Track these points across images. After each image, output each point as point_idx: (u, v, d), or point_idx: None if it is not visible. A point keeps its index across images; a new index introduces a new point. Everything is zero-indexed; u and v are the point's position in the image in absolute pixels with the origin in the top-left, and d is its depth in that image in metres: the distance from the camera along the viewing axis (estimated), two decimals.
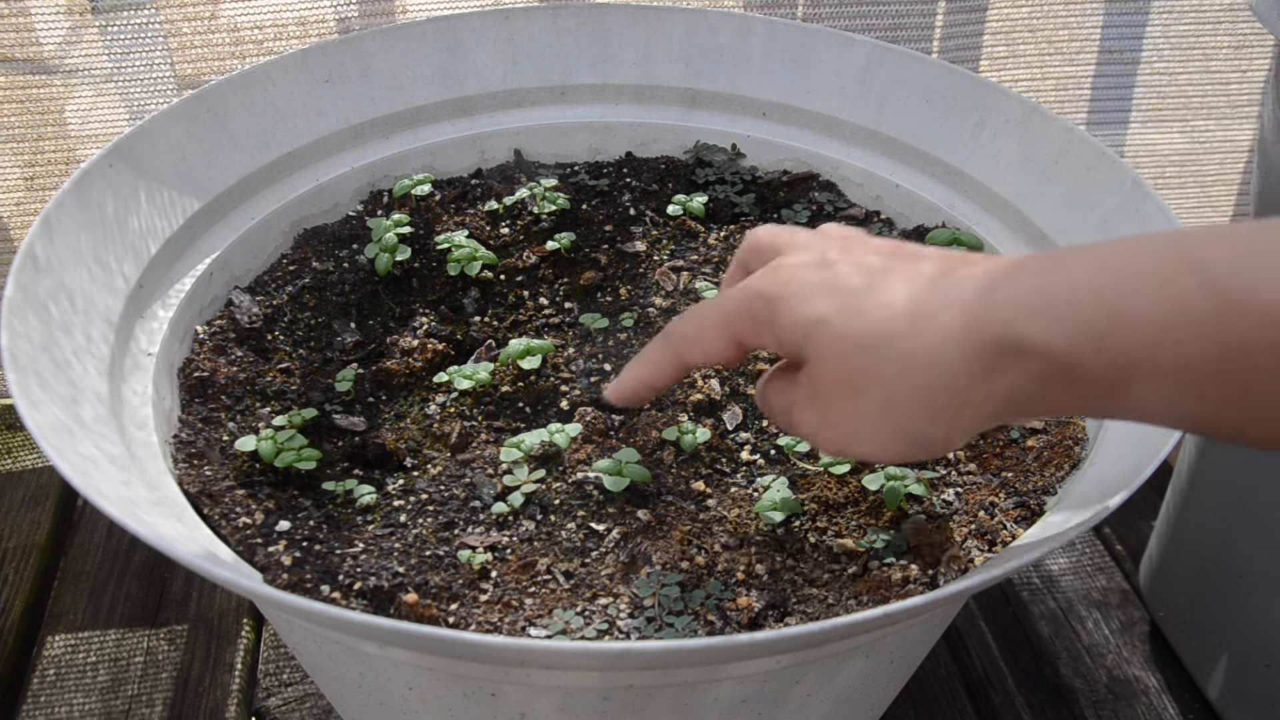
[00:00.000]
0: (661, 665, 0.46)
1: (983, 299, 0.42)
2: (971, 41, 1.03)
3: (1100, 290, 0.39)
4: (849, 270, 0.46)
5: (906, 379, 0.43)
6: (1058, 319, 0.40)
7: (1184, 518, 0.85)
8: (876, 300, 0.44)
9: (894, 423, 0.44)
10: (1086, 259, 0.40)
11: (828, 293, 0.45)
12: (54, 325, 0.58)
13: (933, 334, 0.42)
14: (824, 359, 0.45)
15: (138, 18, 0.95)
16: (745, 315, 0.48)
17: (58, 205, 0.63)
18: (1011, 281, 0.42)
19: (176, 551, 0.45)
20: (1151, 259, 0.39)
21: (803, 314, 0.46)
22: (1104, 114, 1.10)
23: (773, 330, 0.47)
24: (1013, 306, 0.41)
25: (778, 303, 0.46)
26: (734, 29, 0.86)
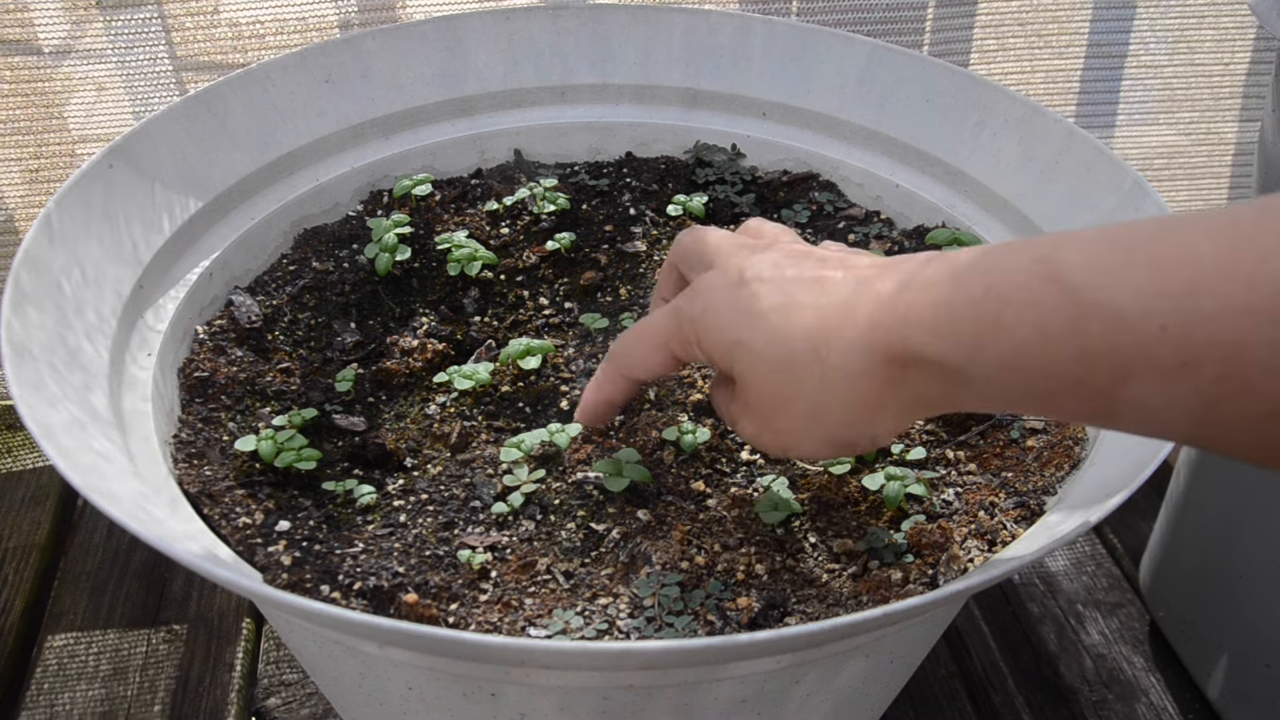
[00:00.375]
0: (661, 665, 0.46)
1: (884, 315, 0.45)
2: (961, 35, 1.04)
3: (974, 303, 0.42)
4: (764, 289, 0.48)
5: (825, 392, 0.46)
6: (941, 334, 0.43)
7: (1184, 518, 0.85)
8: (789, 320, 0.47)
9: (822, 429, 0.48)
10: (972, 270, 0.43)
11: (744, 315, 0.48)
12: (54, 325, 0.58)
13: (842, 354, 0.46)
14: (748, 378, 0.49)
15: (140, 13, 0.95)
16: (675, 336, 0.52)
17: (57, 205, 0.63)
18: (908, 298, 0.45)
19: (176, 551, 0.45)
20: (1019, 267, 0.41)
21: (723, 337, 0.49)
22: (1092, 107, 1.11)
23: (700, 349, 0.51)
24: (908, 324, 0.44)
25: (699, 325, 0.50)
26: (734, 29, 0.86)
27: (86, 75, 0.99)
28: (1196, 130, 1.12)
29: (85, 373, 0.58)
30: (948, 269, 0.44)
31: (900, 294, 0.45)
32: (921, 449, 0.64)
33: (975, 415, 0.66)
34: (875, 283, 0.47)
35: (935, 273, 0.45)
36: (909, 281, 0.45)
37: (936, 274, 0.44)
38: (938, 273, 0.44)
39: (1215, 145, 1.13)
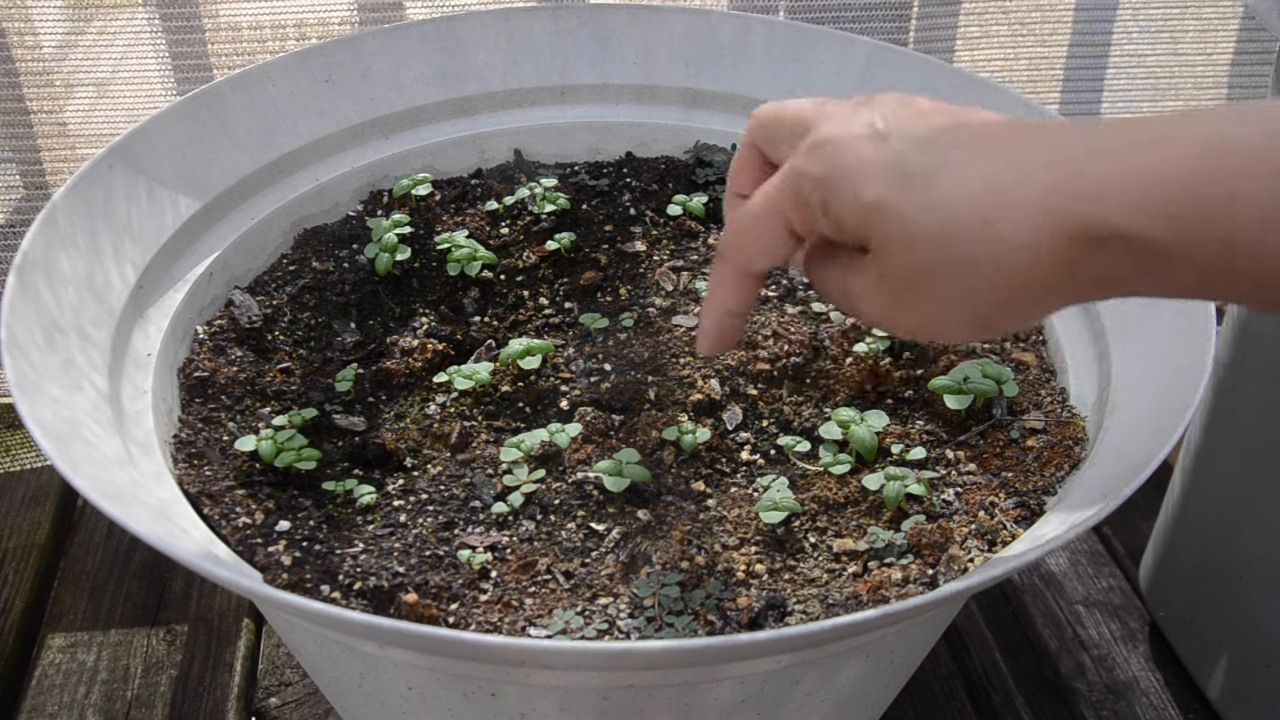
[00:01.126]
0: (661, 665, 0.46)
1: (1072, 184, 0.39)
2: (946, 22, 1.05)
3: (1201, 176, 0.37)
4: (907, 146, 0.41)
5: (990, 267, 0.40)
6: (1154, 209, 0.37)
7: (1184, 518, 0.85)
8: (945, 184, 0.40)
9: (974, 311, 0.42)
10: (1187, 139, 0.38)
11: (887, 173, 0.41)
12: (54, 325, 0.58)
13: (1016, 225, 0.39)
14: (891, 249, 0.42)
15: (138, 18, 0.95)
16: (793, 202, 0.44)
17: (58, 204, 0.63)
18: (1100, 167, 0.39)
19: (176, 551, 0.45)
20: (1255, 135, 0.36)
21: (861, 199, 0.41)
22: (1076, 94, 1.11)
23: (826, 216, 0.43)
24: (1105, 196, 0.38)
25: (828, 184, 0.42)
26: (734, 29, 0.86)
27: (86, 75, 0.99)
28: None
29: (85, 372, 0.58)
30: (1149, 135, 0.38)
31: (1089, 160, 0.39)
32: (921, 449, 0.64)
33: (975, 415, 0.66)
34: (1051, 144, 0.40)
35: (1133, 137, 0.39)
36: (1097, 146, 0.39)
37: (1135, 138, 0.39)
38: (1136, 137, 0.39)
39: None
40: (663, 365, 0.69)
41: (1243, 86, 1.11)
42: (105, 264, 0.64)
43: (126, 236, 0.67)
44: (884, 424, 0.65)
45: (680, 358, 0.70)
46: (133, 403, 0.61)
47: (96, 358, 0.59)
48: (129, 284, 0.65)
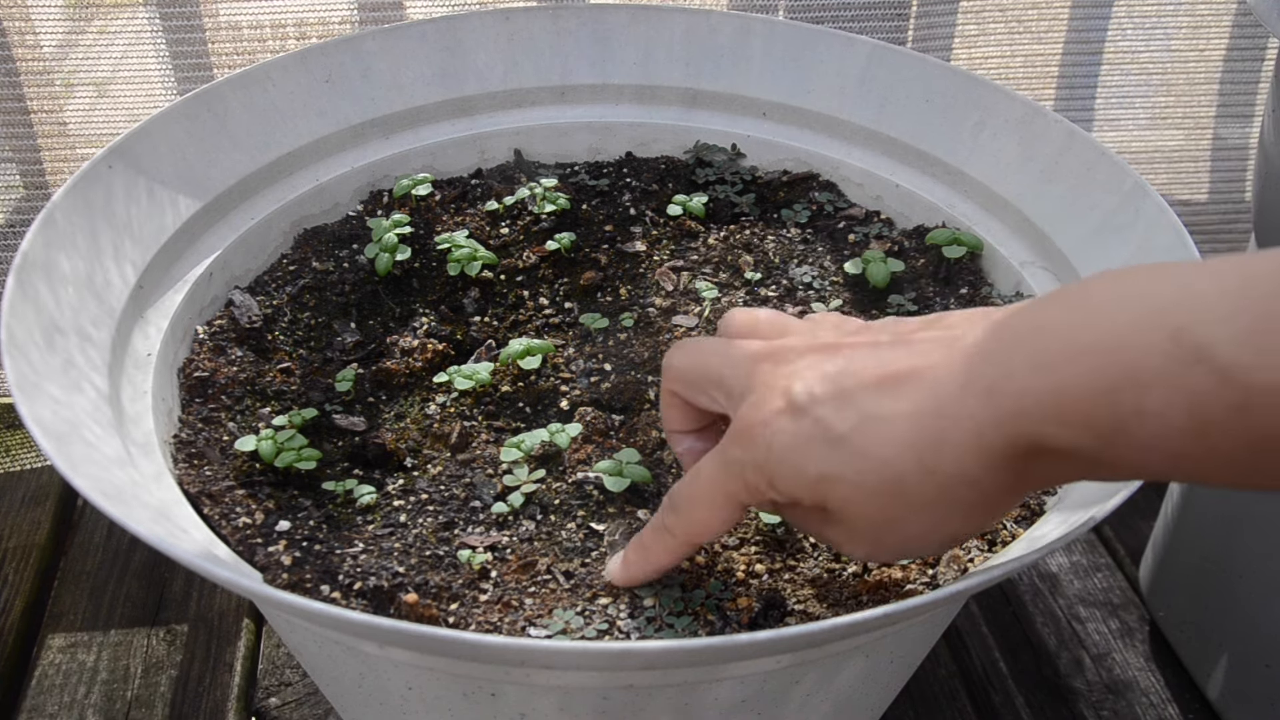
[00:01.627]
0: (661, 665, 0.46)
1: (989, 411, 0.40)
2: (944, 21, 1.05)
3: (1108, 392, 0.37)
4: (829, 411, 0.43)
5: (945, 501, 0.42)
6: (1073, 425, 0.39)
7: (1184, 518, 0.85)
8: (878, 438, 0.42)
9: (945, 533, 0.44)
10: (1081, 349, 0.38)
11: (818, 446, 0.43)
12: (54, 326, 0.58)
13: (955, 458, 0.41)
14: (848, 509, 0.44)
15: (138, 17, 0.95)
16: (740, 488, 0.46)
17: (58, 205, 0.63)
18: (1010, 385, 0.40)
19: (176, 551, 0.45)
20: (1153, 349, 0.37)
21: (804, 477, 0.44)
22: (1070, 90, 1.12)
23: (777, 492, 0.45)
24: (1026, 417, 0.39)
25: (769, 468, 0.45)
26: (734, 29, 0.86)
27: (87, 75, 0.99)
28: (1172, 114, 1.14)
29: (85, 372, 0.58)
30: (1052, 347, 0.39)
31: (1001, 382, 0.40)
32: None
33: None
34: (955, 367, 0.42)
35: (1033, 352, 0.40)
36: (1004, 364, 0.40)
37: (1036, 354, 0.39)
38: (1037, 352, 0.39)
39: (1192, 130, 1.15)
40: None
41: (1234, 83, 1.12)
42: (105, 264, 0.64)
43: (126, 236, 0.67)
44: None
45: None
46: (132, 404, 0.61)
47: (96, 358, 0.59)
48: (129, 284, 0.65)
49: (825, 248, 0.79)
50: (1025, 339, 0.40)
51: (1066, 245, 0.71)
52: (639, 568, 0.53)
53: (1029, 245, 0.74)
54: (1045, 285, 0.72)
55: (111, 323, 0.62)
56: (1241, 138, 1.15)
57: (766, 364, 0.46)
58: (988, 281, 0.75)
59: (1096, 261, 0.68)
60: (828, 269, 0.77)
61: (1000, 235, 0.76)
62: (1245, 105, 1.13)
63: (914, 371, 0.43)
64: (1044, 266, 0.73)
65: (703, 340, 0.51)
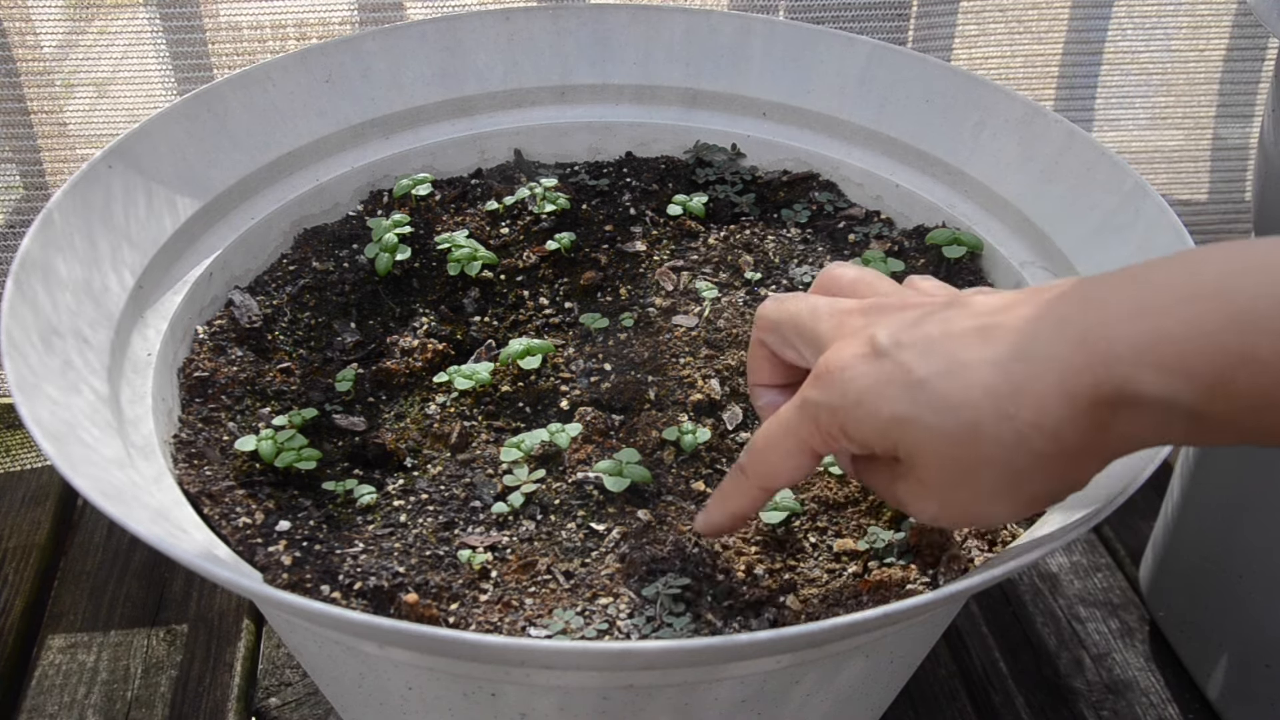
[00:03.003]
0: (661, 665, 0.46)
1: (1080, 355, 0.39)
2: (945, 21, 1.05)
3: (1214, 335, 0.36)
4: (912, 356, 0.42)
5: (1023, 451, 0.40)
6: (1172, 371, 0.37)
7: (1184, 518, 0.85)
8: (960, 383, 0.41)
9: (1022, 491, 0.42)
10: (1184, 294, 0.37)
11: (897, 387, 0.42)
12: (54, 326, 0.58)
13: (1036, 405, 0.40)
14: (921, 457, 0.43)
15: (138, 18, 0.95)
16: (812, 429, 0.46)
17: (57, 205, 0.63)
18: (1103, 332, 0.39)
19: (176, 551, 0.45)
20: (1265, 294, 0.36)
21: (878, 420, 0.43)
22: (1070, 90, 1.13)
23: (849, 439, 0.44)
24: (1119, 361, 0.38)
25: (844, 411, 0.44)
26: (734, 29, 0.86)
27: (87, 75, 0.99)
28: (1172, 113, 1.14)
29: (84, 373, 0.58)
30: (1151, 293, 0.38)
31: (1091, 329, 0.39)
32: None
33: None
34: (1051, 319, 0.40)
35: (1131, 298, 0.38)
36: (1096, 313, 0.39)
37: (1133, 300, 0.38)
38: (1134, 299, 0.38)
39: (1192, 130, 1.15)
40: (663, 365, 0.69)
41: (1234, 83, 1.12)
42: (103, 266, 0.64)
43: (125, 237, 0.67)
44: None
45: (680, 358, 0.70)
46: (132, 407, 0.61)
47: (94, 361, 0.59)
48: (128, 286, 0.65)
49: (825, 248, 0.79)
50: (1122, 287, 0.39)
51: (1066, 245, 0.71)
52: (719, 514, 0.52)
53: (1029, 245, 0.74)
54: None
55: (110, 325, 0.62)
56: (1241, 138, 1.15)
57: (858, 316, 0.46)
58: (988, 281, 0.75)
59: (1096, 261, 0.68)
60: None
61: (1000, 235, 0.76)
62: (1245, 105, 1.14)
63: (1004, 323, 0.41)
64: (1044, 266, 0.73)
65: (798, 295, 0.50)
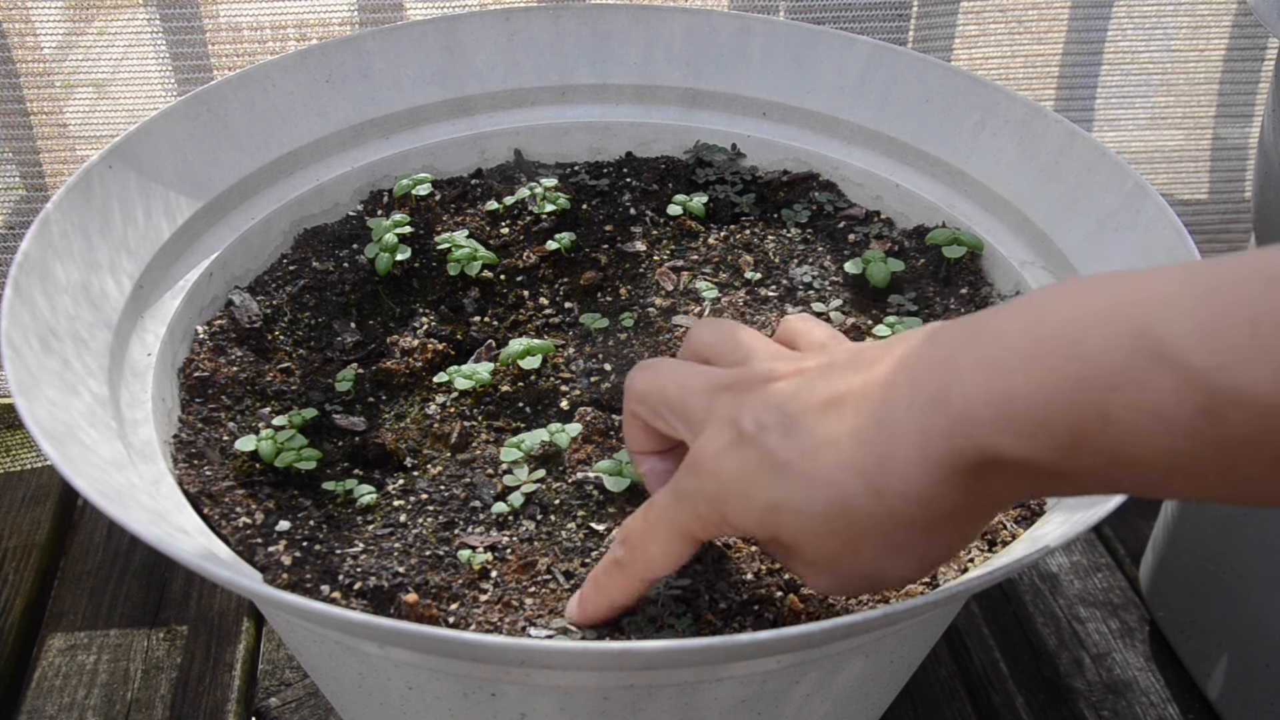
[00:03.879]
0: (661, 665, 0.46)
1: (933, 423, 0.38)
2: (945, 21, 1.06)
3: (1064, 394, 0.35)
4: (774, 438, 0.42)
5: (897, 522, 0.40)
6: (1026, 434, 0.36)
7: (1184, 518, 0.85)
8: (821, 463, 0.41)
9: (907, 559, 0.42)
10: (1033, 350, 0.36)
11: (765, 475, 0.42)
12: (53, 326, 0.58)
13: (901, 475, 0.39)
14: (801, 540, 0.43)
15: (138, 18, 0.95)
16: (692, 520, 0.45)
17: (57, 206, 0.63)
18: (959, 392, 0.38)
19: (176, 551, 0.45)
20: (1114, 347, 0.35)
21: (752, 509, 0.43)
22: (1070, 90, 1.13)
23: (728, 527, 0.45)
24: (973, 427, 0.37)
25: (720, 500, 0.44)
26: (735, 29, 0.86)
27: (86, 75, 0.99)
28: (1171, 113, 1.14)
29: (84, 373, 0.58)
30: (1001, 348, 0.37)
31: (947, 388, 0.38)
32: None
33: None
34: (900, 379, 0.40)
35: (982, 354, 0.37)
36: (949, 370, 0.38)
37: (984, 356, 0.37)
38: (985, 354, 0.37)
39: (1192, 130, 1.15)
40: None
41: (1234, 83, 1.12)
42: (104, 264, 0.64)
43: (125, 237, 0.67)
44: None
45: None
46: (131, 410, 0.61)
47: (96, 358, 0.59)
48: (129, 284, 0.65)
49: (825, 248, 0.79)
50: (974, 343, 0.38)
51: (1066, 245, 0.71)
52: (594, 605, 0.51)
53: (1029, 245, 0.74)
54: (1044, 285, 0.72)
55: (111, 323, 0.62)
56: (1241, 137, 1.15)
57: (726, 395, 0.45)
58: (988, 281, 0.75)
59: (1096, 261, 0.68)
60: (828, 269, 0.77)
61: (1000, 235, 0.76)
62: (1245, 105, 1.14)
63: (858, 389, 0.41)
64: (1044, 266, 0.73)
65: (664, 364, 0.50)
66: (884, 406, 0.40)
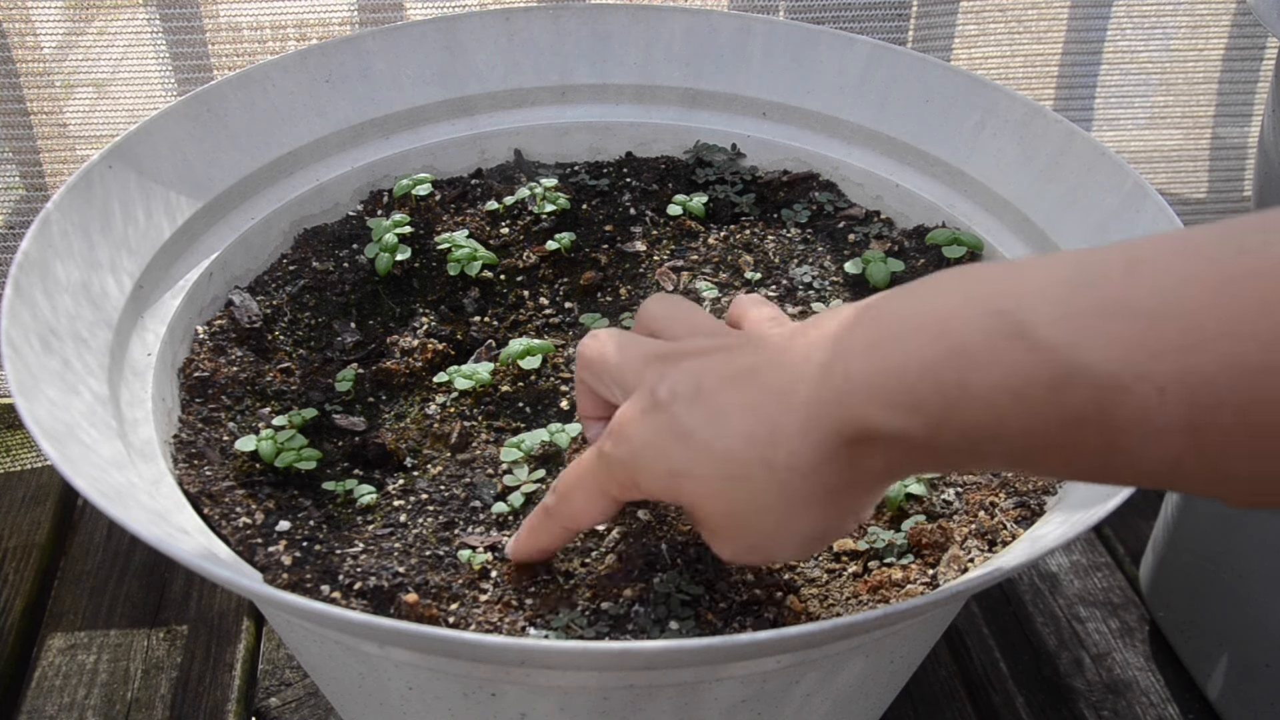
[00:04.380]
0: (661, 665, 0.46)
1: (819, 395, 0.40)
2: (945, 21, 1.06)
3: (932, 369, 0.37)
4: (683, 407, 0.43)
5: (786, 494, 0.42)
6: (898, 406, 0.38)
7: (1184, 518, 0.85)
8: (722, 431, 0.42)
9: (798, 531, 0.44)
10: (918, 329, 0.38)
11: (671, 442, 0.44)
12: (53, 326, 0.58)
13: (788, 448, 0.41)
14: (700, 505, 0.44)
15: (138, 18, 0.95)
16: (611, 481, 0.48)
17: (57, 205, 0.63)
18: (842, 367, 0.40)
19: (176, 551, 0.45)
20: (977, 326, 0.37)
21: (658, 473, 0.45)
22: (1070, 90, 1.13)
23: (640, 490, 0.47)
24: (852, 398, 0.39)
25: (630, 467, 0.46)
26: (734, 29, 0.86)
27: (86, 75, 0.99)
28: (1171, 112, 1.15)
29: (84, 373, 0.58)
30: (884, 327, 0.39)
31: (833, 363, 0.40)
32: None
33: None
34: (799, 354, 0.41)
35: (868, 333, 0.40)
36: (839, 347, 0.40)
37: (870, 334, 0.39)
38: (871, 332, 0.39)
39: (1190, 129, 1.15)
40: None
41: (1233, 81, 1.12)
42: (105, 264, 0.64)
43: (125, 238, 0.67)
44: None
45: None
46: (131, 409, 0.61)
47: (96, 358, 0.59)
48: (129, 284, 0.65)
49: (825, 248, 0.79)
50: (863, 322, 0.40)
51: (1067, 245, 0.71)
52: (525, 545, 0.54)
53: (1029, 245, 0.74)
54: None
55: (111, 323, 0.62)
56: (1240, 137, 1.15)
57: (656, 364, 0.47)
58: None
59: None
60: (828, 269, 0.77)
61: (1000, 235, 0.76)
62: (1244, 105, 1.14)
63: (761, 364, 0.43)
64: None
65: (612, 333, 0.52)
66: (782, 380, 0.42)
